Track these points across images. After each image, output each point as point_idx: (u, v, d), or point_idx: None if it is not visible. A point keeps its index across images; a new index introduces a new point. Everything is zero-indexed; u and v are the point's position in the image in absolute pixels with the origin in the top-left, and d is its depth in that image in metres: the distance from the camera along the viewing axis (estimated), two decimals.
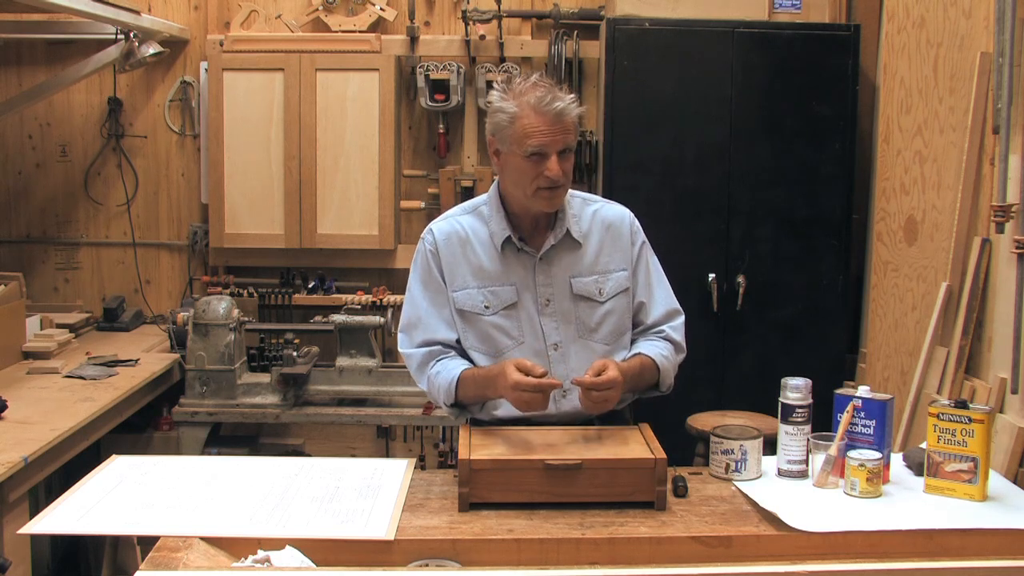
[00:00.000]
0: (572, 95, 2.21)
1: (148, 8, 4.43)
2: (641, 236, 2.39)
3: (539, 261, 2.28)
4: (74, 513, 1.93)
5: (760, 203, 3.97)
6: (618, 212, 2.39)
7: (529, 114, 2.16)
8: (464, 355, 2.32)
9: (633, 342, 2.37)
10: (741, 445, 2.14)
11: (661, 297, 2.39)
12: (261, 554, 1.75)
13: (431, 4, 4.51)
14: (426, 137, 4.56)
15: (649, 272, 2.38)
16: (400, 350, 2.37)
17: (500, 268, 2.29)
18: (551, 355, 2.28)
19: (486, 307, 2.28)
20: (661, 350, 2.33)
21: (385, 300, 4.40)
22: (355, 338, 3.92)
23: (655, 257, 2.41)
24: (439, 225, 2.36)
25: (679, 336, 2.39)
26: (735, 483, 2.13)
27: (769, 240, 3.97)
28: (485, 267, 2.29)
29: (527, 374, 2.09)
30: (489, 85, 4.31)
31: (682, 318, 2.42)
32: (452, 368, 2.27)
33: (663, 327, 2.38)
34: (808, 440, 2.14)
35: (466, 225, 2.33)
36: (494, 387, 2.18)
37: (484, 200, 2.36)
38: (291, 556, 1.76)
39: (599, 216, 2.35)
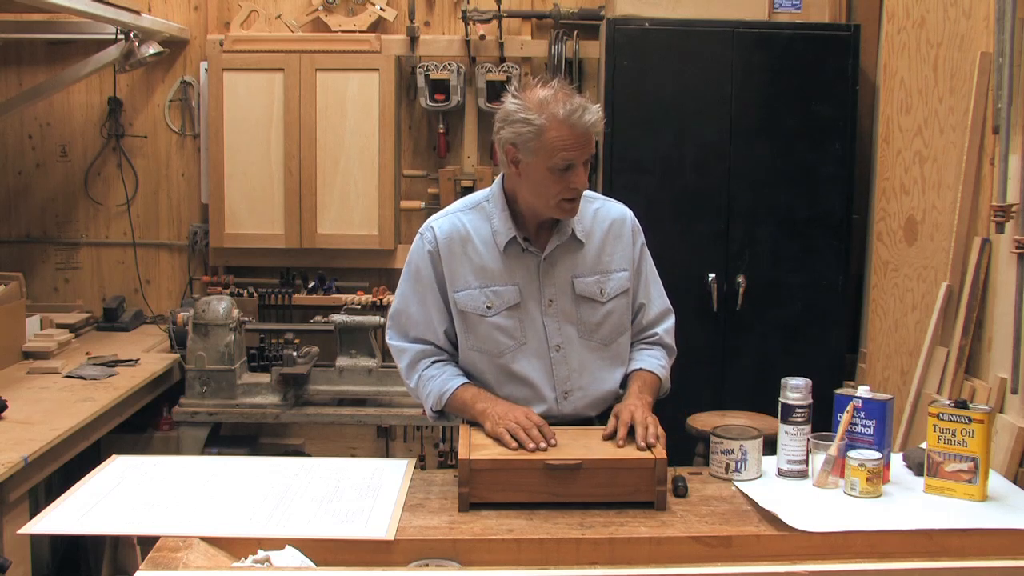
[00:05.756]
0: (597, 105, 2.16)
1: (148, 8, 4.43)
2: (641, 236, 2.39)
3: (543, 262, 2.26)
4: (74, 513, 1.93)
5: (760, 203, 3.96)
6: (619, 211, 2.37)
7: (558, 127, 2.10)
8: (449, 352, 2.33)
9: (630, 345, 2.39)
10: (741, 445, 2.14)
11: (657, 298, 2.41)
12: (261, 554, 1.75)
13: (431, 4, 4.51)
14: (426, 137, 4.56)
15: (648, 273, 2.40)
16: (389, 341, 2.38)
17: (503, 268, 2.25)
18: (553, 356, 2.27)
19: (488, 307, 2.25)
20: (658, 359, 2.37)
21: (385, 300, 4.39)
22: (355, 338, 3.92)
23: (650, 256, 2.42)
24: (439, 222, 2.29)
25: (671, 339, 2.43)
26: (735, 483, 2.13)
27: (769, 240, 3.97)
28: (487, 266, 2.25)
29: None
30: (489, 85, 4.32)
31: (673, 318, 2.44)
32: (448, 378, 2.27)
33: (656, 330, 2.40)
34: (808, 440, 2.14)
35: (467, 222, 2.27)
36: (485, 411, 2.16)
37: (486, 196, 2.31)
38: (291, 556, 1.76)
39: (600, 215, 2.34)
